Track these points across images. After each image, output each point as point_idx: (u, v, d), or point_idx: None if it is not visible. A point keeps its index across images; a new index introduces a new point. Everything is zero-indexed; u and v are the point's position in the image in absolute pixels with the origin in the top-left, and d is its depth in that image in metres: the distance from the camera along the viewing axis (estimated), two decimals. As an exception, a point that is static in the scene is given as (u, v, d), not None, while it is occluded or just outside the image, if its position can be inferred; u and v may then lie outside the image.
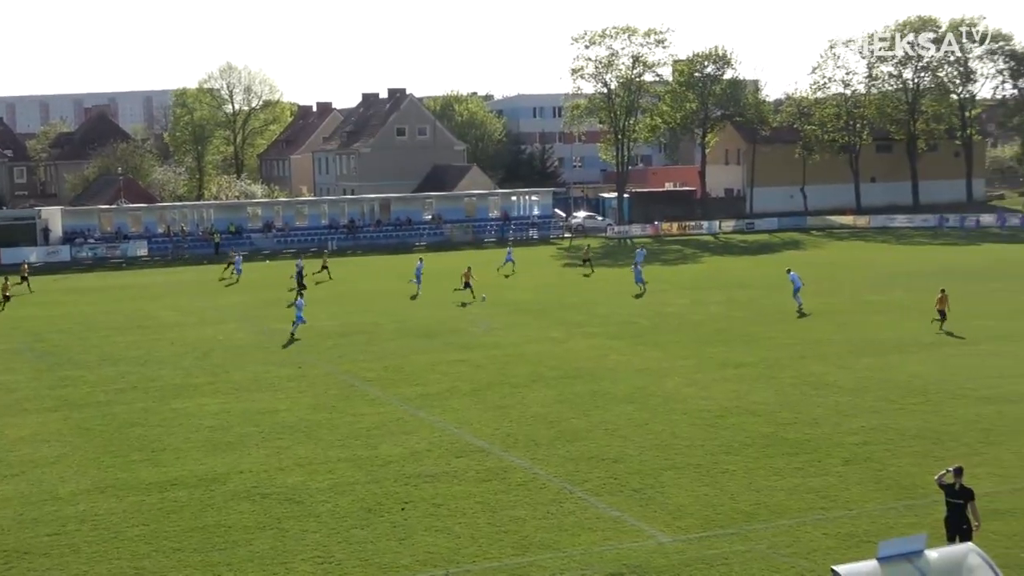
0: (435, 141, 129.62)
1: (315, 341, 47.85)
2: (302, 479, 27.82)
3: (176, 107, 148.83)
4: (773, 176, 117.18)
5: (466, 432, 31.92)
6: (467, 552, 22.74)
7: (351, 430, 32.47)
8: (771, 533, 23.22)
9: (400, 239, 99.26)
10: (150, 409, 35.74)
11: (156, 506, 26.05)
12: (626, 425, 32.17)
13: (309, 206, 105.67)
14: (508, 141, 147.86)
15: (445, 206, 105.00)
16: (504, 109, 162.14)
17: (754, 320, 50.56)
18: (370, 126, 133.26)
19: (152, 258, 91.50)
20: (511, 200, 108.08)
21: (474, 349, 44.97)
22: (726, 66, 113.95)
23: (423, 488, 26.86)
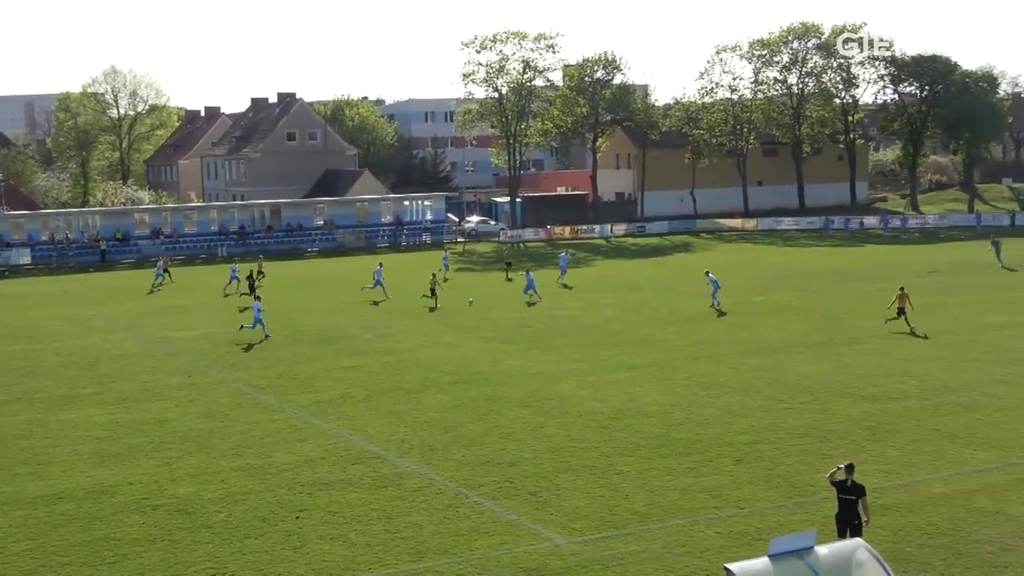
0: (326, 146, 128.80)
1: (206, 349, 47.21)
2: (194, 489, 27.41)
3: (59, 112, 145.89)
4: (663, 180, 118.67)
5: (361, 439, 31.76)
6: (363, 559, 22.61)
7: (243, 439, 32.09)
8: (665, 533, 23.49)
9: (291, 245, 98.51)
10: (35, 421, 34.92)
11: (43, 520, 25.44)
12: (521, 429, 32.28)
13: (198, 212, 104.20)
14: (400, 146, 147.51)
15: (337, 211, 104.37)
16: (395, 114, 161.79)
17: (646, 323, 51.12)
18: (260, 131, 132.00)
19: (36, 266, 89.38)
20: (404, 205, 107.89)
21: (368, 355, 44.77)
22: (616, 71, 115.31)
23: (318, 496, 26.64)
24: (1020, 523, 23.35)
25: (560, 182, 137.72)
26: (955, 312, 51.98)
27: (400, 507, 25.65)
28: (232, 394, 38.18)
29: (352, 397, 37.12)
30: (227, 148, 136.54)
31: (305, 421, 34.01)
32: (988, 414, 32.56)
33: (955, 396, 34.83)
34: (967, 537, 22.67)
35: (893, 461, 28.10)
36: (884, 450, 29.08)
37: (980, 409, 33.17)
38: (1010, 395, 34.84)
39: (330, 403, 36.31)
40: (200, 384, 40.03)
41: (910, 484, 26.19)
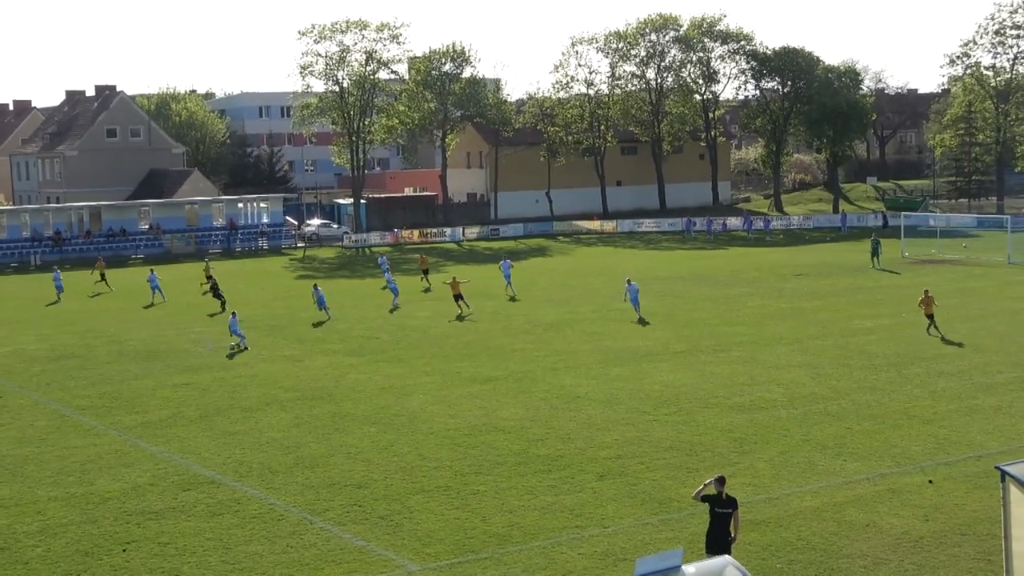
0: (150, 143, 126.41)
1: (19, 367, 45.86)
2: (7, 522, 26.59)
3: None
4: (517, 180, 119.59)
5: (193, 462, 31.20)
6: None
7: (62, 465, 31.24)
8: (526, 556, 23.60)
9: (114, 251, 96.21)
10: None
11: None
12: (369, 448, 32.12)
13: (7, 216, 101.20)
14: (232, 143, 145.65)
15: (164, 214, 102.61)
16: (227, 108, 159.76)
17: (501, 332, 51.36)
18: (76, 127, 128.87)
19: None
20: (237, 207, 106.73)
21: (201, 371, 44.02)
22: (465, 64, 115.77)
23: (147, 526, 26.09)
24: (892, 536, 24.10)
25: (408, 182, 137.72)
26: (822, 316, 53.44)
27: (238, 536, 25.27)
28: (49, 416, 37.15)
29: (183, 417, 36.44)
30: (40, 145, 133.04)
31: (131, 444, 33.28)
32: (858, 423, 33.53)
33: (824, 404, 35.79)
34: (839, 552, 23.30)
35: (761, 474, 28.73)
36: (752, 462, 29.71)
37: (849, 418, 34.14)
38: (879, 403, 35.94)
39: (159, 424, 35.59)
40: (12, 406, 38.85)
41: (779, 497, 26.82)
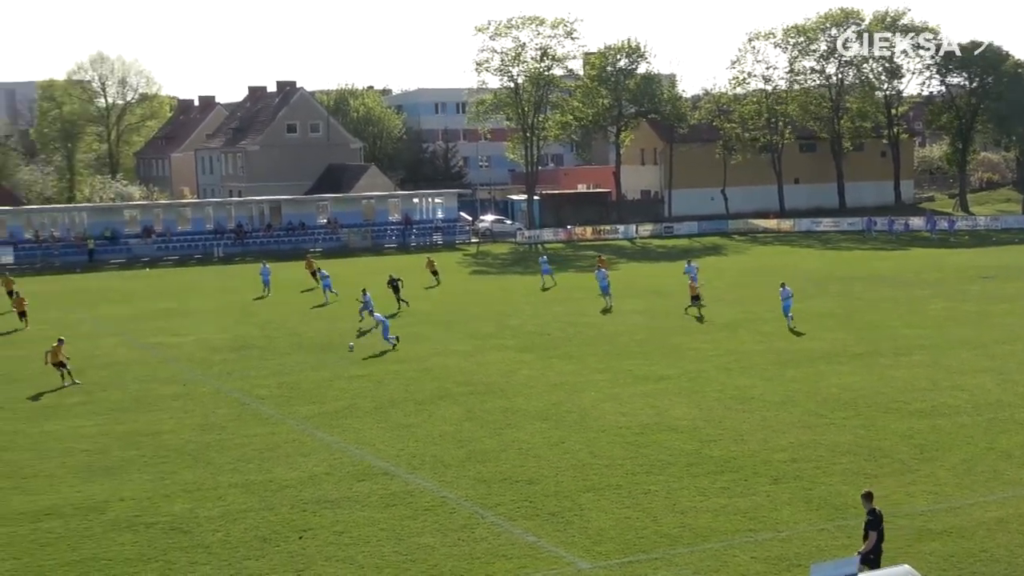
0: (329, 139, 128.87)
1: (203, 356, 47.34)
2: (189, 506, 27.48)
3: (42, 101, 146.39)
4: (692, 177, 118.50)
5: (368, 453, 31.78)
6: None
7: (242, 453, 32.15)
8: (697, 557, 23.45)
9: (293, 245, 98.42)
10: (19, 431, 35.08)
11: (28, 538, 25.56)
12: (540, 444, 32.27)
13: (192, 209, 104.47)
14: (409, 139, 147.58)
15: (341, 209, 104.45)
16: (404, 104, 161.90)
17: (675, 330, 51.02)
18: (258, 122, 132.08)
19: (19, 266, 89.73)
20: (413, 203, 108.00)
21: (375, 364, 44.80)
22: (640, 60, 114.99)
23: (322, 515, 26.67)
24: (1081, 549, 23.26)
25: (581, 179, 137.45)
26: (1009, 320, 51.76)
27: (411, 527, 25.67)
28: (230, 405, 38.27)
29: (359, 408, 37.15)
30: (223, 140, 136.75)
31: (308, 434, 34.06)
32: (1046, 431, 32.44)
33: (1011, 412, 34.68)
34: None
35: (944, 482, 27.99)
36: (934, 470, 28.97)
37: (1037, 426, 33.06)
38: (1069, 411, 34.71)
39: (335, 415, 36.35)
40: (196, 394, 40.13)
41: (962, 507, 26.08)
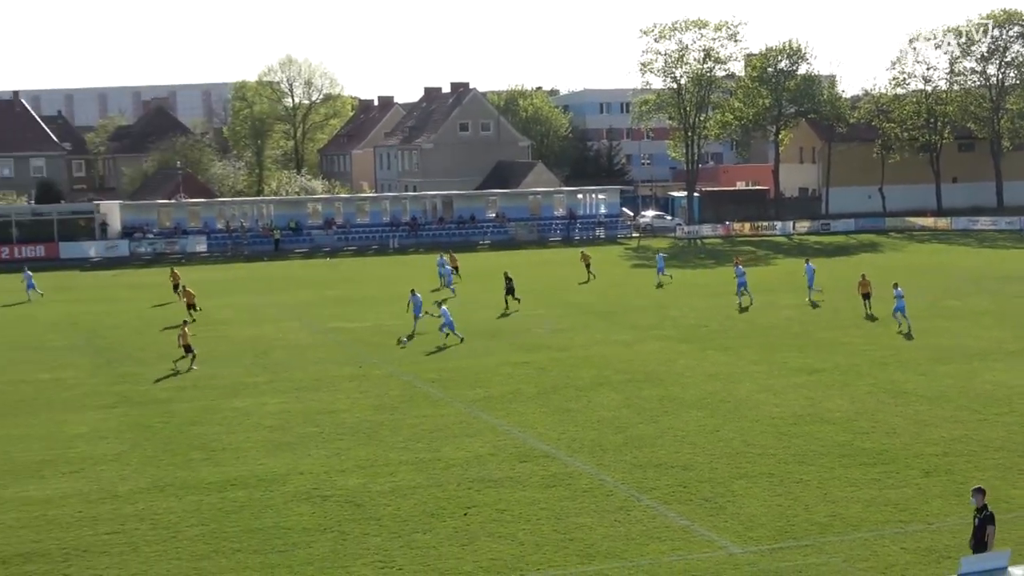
0: (499, 137, 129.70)
1: (377, 341, 48.15)
2: (363, 481, 28.01)
3: (235, 100, 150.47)
4: (850, 176, 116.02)
5: (530, 436, 31.96)
6: (532, 559, 22.77)
7: (413, 432, 32.63)
8: (847, 546, 23.02)
9: (463, 237, 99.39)
10: (209, 407, 36.17)
11: (215, 506, 26.36)
12: (696, 432, 32.05)
13: (370, 203, 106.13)
14: (574, 137, 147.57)
15: (509, 204, 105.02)
16: (570, 104, 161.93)
17: (829, 325, 50.06)
18: (432, 121, 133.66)
19: (211, 254, 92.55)
20: (577, 198, 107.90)
21: (539, 351, 44.98)
22: (800, 61, 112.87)
23: (486, 493, 26.93)
24: None
25: (740, 176, 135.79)
26: None
27: (570, 508, 25.74)
28: (402, 387, 38.85)
29: (522, 393, 37.37)
30: (400, 138, 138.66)
31: (474, 416, 34.40)
32: None
33: None
34: None
35: (1098, 480, 26.95)
36: (1088, 468, 27.91)
37: None
38: None
39: (500, 399, 36.64)
40: (371, 376, 40.85)
41: (1117, 505, 25.09)
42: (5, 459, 30.67)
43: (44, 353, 46.48)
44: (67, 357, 45.78)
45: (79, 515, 25.93)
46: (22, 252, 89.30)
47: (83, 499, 27.09)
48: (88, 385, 40.22)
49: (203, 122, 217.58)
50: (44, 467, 29.86)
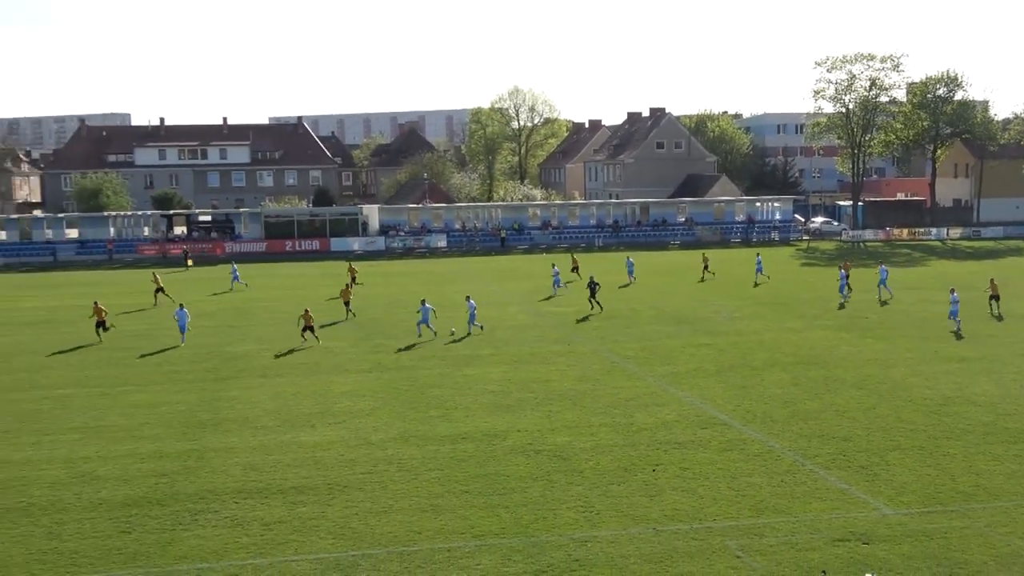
0: (689, 154, 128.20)
1: (582, 323, 48.18)
2: (569, 439, 28.12)
3: (472, 123, 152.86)
4: (1000, 188, 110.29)
5: (710, 407, 31.50)
6: (709, 511, 22.46)
7: (611, 400, 32.58)
8: (988, 513, 21.91)
9: (657, 238, 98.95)
10: (445, 374, 36.88)
11: (448, 455, 26.88)
12: (855, 408, 31.00)
13: (580, 208, 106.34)
14: (754, 154, 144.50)
15: (697, 210, 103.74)
16: (751, 126, 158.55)
17: (977, 319, 47.59)
18: (633, 140, 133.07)
19: (449, 249, 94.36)
20: (755, 206, 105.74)
21: (719, 335, 44.27)
22: (957, 88, 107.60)
23: (672, 453, 26.69)
24: None
25: (900, 188, 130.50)
26: None
27: (743, 468, 25.27)
28: (603, 362, 38.82)
29: (704, 371, 36.85)
30: (606, 154, 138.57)
31: (663, 389, 34.11)
32: None
33: None
34: None
35: None
36: None
37: None
38: None
39: (684, 375, 36.22)
40: (577, 352, 40.93)
41: None
42: (284, 411, 32.00)
43: (316, 327, 48.20)
44: (335, 332, 47.35)
45: (340, 457, 26.84)
46: (301, 245, 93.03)
47: (344, 445, 28.03)
48: (350, 353, 41.52)
49: (446, 141, 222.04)
50: (314, 418, 31.02)
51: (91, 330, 46.05)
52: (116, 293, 63.13)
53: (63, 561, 20.48)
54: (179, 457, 27.11)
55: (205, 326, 48.49)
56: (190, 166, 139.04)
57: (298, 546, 21.00)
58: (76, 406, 33.05)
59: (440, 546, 20.83)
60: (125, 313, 53.54)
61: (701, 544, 20.68)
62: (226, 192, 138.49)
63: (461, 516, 22.43)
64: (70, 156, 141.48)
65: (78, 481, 25.35)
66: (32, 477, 25.73)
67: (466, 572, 19.58)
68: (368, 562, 20.14)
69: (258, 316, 52.06)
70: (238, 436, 29.06)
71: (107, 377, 37.55)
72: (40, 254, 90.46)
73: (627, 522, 21.92)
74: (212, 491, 24.34)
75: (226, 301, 58.46)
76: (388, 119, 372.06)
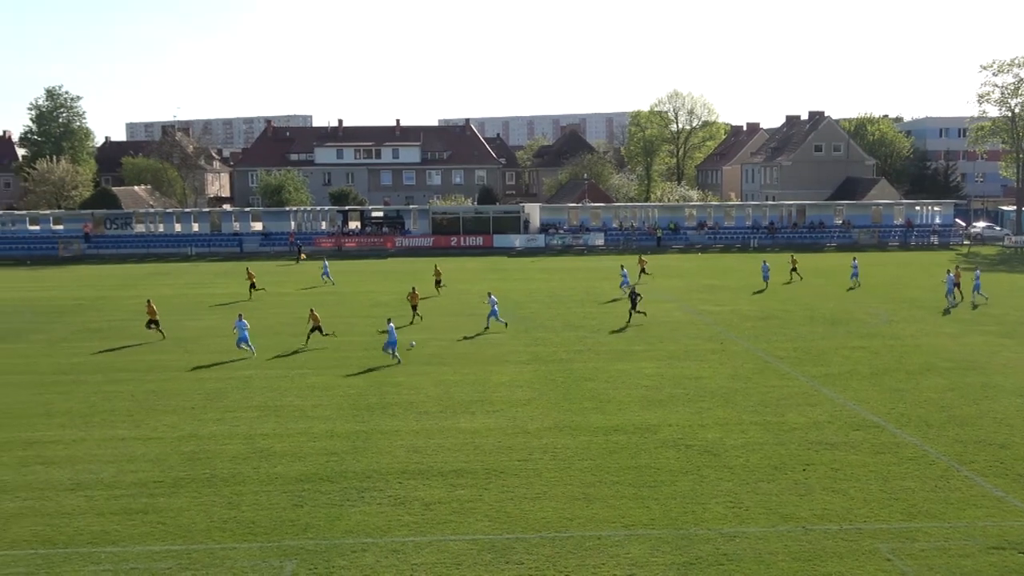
0: (848, 156, 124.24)
1: (736, 322, 47.36)
2: (719, 436, 27.67)
3: (631, 126, 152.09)
4: None
5: (863, 409, 30.46)
6: (859, 512, 21.73)
7: (762, 399, 31.89)
8: None
9: (812, 240, 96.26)
10: (600, 368, 36.79)
11: (601, 446, 26.81)
12: (1014, 416, 29.46)
13: (736, 209, 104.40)
14: (915, 158, 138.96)
15: (854, 213, 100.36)
16: (912, 130, 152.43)
17: None
18: (791, 143, 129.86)
19: (607, 247, 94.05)
20: (915, 210, 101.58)
21: (874, 338, 42.74)
22: None
23: (823, 453, 25.93)
24: None
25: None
26: None
27: (895, 472, 24.36)
28: (755, 361, 38.03)
29: (857, 373, 35.65)
30: (763, 157, 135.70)
31: (815, 389, 33.18)
32: None
33: None
34: None
35: None
36: None
37: None
38: None
39: (838, 376, 35.14)
40: (729, 350, 40.23)
41: None
42: (446, 397, 32.52)
43: (478, 319, 48.81)
44: (495, 323, 47.75)
45: (498, 444, 27.10)
46: (466, 241, 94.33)
47: (501, 432, 28.29)
48: (509, 345, 41.86)
49: (605, 143, 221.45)
50: (473, 405, 31.41)
51: (275, 317, 47.79)
52: (293, 283, 65.40)
53: (241, 529, 21.33)
54: (348, 437, 27.88)
55: (378, 315, 49.71)
56: (365, 165, 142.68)
57: (456, 526, 21.31)
58: (257, 387, 34.39)
59: (591, 534, 20.80)
60: (306, 300, 55.33)
61: (851, 545, 20.03)
62: (397, 190, 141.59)
63: (612, 506, 22.34)
64: (257, 155, 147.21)
65: (256, 456, 26.37)
66: (215, 451, 26.90)
67: (615, 560, 19.49)
68: (522, 545, 20.27)
69: (424, 307, 53.06)
70: (403, 420, 29.68)
71: (285, 361, 38.94)
72: (228, 245, 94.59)
73: (776, 519, 21.41)
74: (377, 471, 24.94)
75: (399, 293, 59.73)
76: (551, 121, 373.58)
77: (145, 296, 55.76)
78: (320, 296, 58.01)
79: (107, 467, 25.66)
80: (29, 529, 21.56)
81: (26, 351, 42.20)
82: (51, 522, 21.92)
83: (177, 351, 41.18)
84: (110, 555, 20.14)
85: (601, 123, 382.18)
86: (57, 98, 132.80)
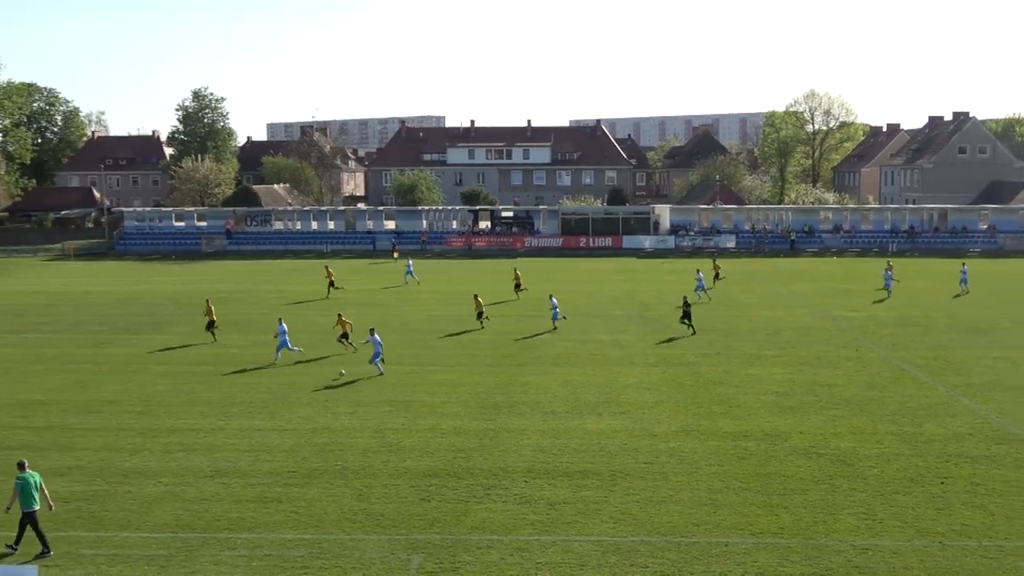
0: (994, 159, 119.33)
1: (872, 329, 46.02)
2: (853, 445, 26.92)
3: (765, 127, 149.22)
4: None
5: (1008, 422, 29.19)
6: (1001, 529, 20.85)
7: (899, 408, 30.90)
8: None
9: (955, 245, 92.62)
10: (729, 372, 36.25)
11: (730, 451, 26.41)
12: None
13: (874, 212, 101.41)
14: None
15: (1000, 218, 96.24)
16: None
17: None
18: (934, 145, 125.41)
19: (738, 249, 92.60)
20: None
21: (1019, 349, 40.86)
22: None
23: (962, 467, 24.97)
24: None
25: None
26: None
27: None
28: (892, 369, 36.87)
29: (1001, 385, 34.17)
30: (904, 159, 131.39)
31: (955, 400, 31.97)
32: None
33: None
34: None
35: None
36: None
37: None
38: None
39: (980, 387, 33.76)
40: (864, 358, 39.11)
41: None
42: (572, 398, 32.52)
43: (606, 320, 48.71)
44: (623, 324, 47.64)
45: (624, 446, 26.97)
46: (595, 242, 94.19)
47: (628, 434, 28.14)
48: (637, 347, 41.62)
49: (738, 144, 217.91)
50: (600, 407, 31.33)
51: (409, 315, 48.61)
52: (429, 280, 66.42)
53: (370, 522, 21.77)
54: (475, 435, 28.17)
55: (506, 315, 50.09)
56: (496, 165, 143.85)
57: (581, 527, 21.29)
58: (388, 382, 35.06)
59: (718, 540, 20.51)
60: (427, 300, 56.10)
61: (991, 563, 19.24)
62: (527, 190, 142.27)
63: (740, 512, 21.98)
64: (390, 155, 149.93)
65: (386, 450, 26.89)
66: (347, 444, 27.53)
67: (743, 568, 19.17)
68: (647, 549, 20.13)
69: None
70: (529, 419, 29.82)
71: (416, 356, 39.59)
72: (361, 242, 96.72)
73: (911, 533, 20.72)
74: (504, 469, 25.12)
75: (533, 293, 60.04)
76: (682, 122, 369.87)
77: (280, 291, 57.40)
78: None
79: (244, 456, 26.54)
80: (170, 513, 22.46)
81: (168, 341, 44.02)
82: (190, 507, 22.79)
83: (309, 345, 42.25)
84: (245, 541, 20.83)
85: (734, 124, 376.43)
86: (203, 99, 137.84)
